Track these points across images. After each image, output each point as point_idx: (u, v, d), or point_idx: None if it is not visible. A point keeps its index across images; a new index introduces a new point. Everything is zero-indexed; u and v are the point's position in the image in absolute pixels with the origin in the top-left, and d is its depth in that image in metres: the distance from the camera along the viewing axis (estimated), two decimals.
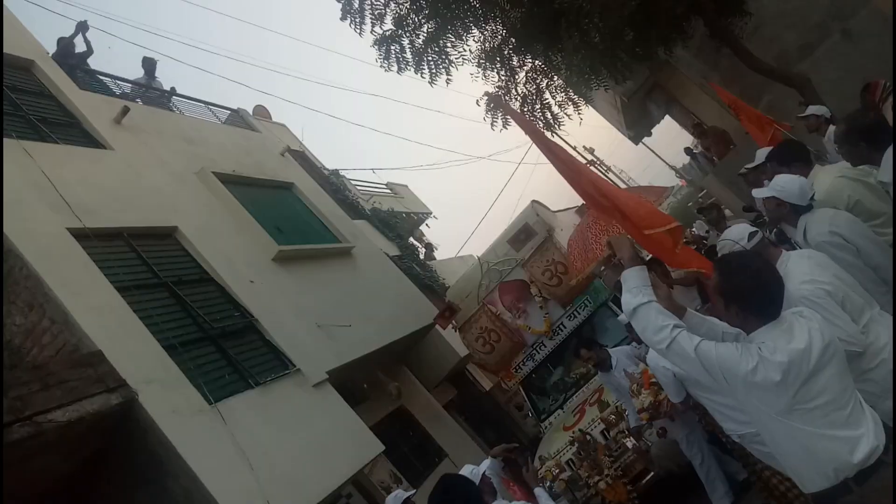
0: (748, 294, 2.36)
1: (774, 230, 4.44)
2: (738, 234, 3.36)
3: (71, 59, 8.51)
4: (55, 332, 4.84)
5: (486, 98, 6.05)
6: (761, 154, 5.34)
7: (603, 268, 7.02)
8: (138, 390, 4.71)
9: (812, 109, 6.37)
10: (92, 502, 4.96)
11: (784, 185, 3.46)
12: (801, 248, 3.32)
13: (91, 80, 8.75)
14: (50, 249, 5.26)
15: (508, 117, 8.78)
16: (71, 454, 4.60)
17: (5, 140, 5.93)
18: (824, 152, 5.54)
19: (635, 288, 2.57)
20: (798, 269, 2.89)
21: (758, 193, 3.70)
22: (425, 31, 8.21)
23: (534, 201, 8.85)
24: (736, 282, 2.39)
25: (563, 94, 9.17)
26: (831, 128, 5.61)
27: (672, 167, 35.10)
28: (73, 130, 7.28)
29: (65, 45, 8.49)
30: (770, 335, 2.31)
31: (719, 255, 3.30)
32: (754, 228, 3.37)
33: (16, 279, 4.96)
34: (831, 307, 2.68)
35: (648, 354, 4.36)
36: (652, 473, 5.55)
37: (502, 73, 8.76)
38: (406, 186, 19.53)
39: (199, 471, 4.65)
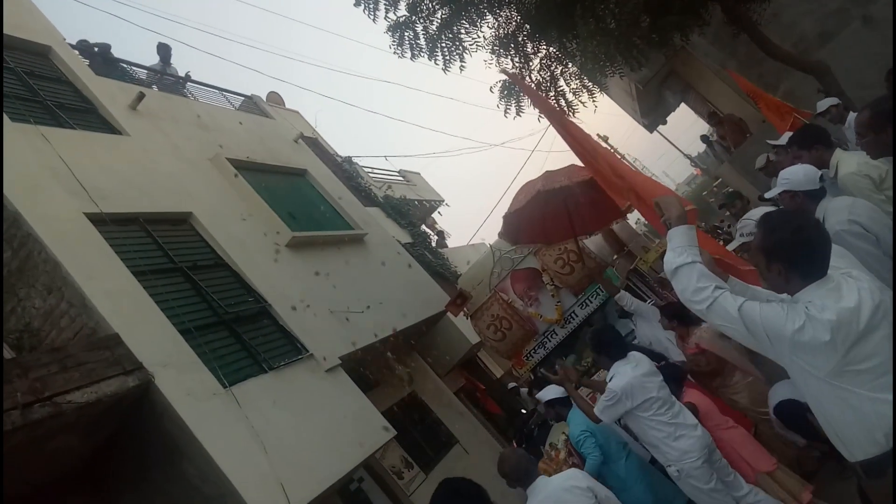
0: (791, 250, 2.24)
1: None
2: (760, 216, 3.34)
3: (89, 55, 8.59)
4: (73, 315, 4.92)
5: (502, 73, 6.04)
6: (785, 137, 5.30)
7: (616, 256, 7.00)
8: (154, 373, 4.78)
9: (825, 103, 6.29)
10: (109, 483, 5.06)
11: (789, 176, 3.48)
12: None
13: (107, 67, 8.79)
14: (68, 234, 5.32)
15: (522, 104, 8.75)
16: (89, 435, 4.69)
17: (24, 125, 6.00)
18: (845, 140, 5.48)
19: (679, 247, 2.46)
20: None
21: (770, 195, 3.71)
22: (439, 17, 8.18)
23: None
24: (778, 237, 2.28)
25: (577, 81, 9.12)
26: (851, 115, 5.53)
27: (687, 156, 34.78)
28: (89, 116, 7.34)
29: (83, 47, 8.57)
30: (817, 294, 2.20)
31: (738, 234, 3.29)
32: None
33: (35, 263, 5.04)
34: None
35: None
36: None
37: (516, 59, 8.72)
38: (419, 174, 19.52)
39: (214, 452, 4.72)
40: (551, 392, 5.50)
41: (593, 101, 9.23)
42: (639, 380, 4.19)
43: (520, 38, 8.55)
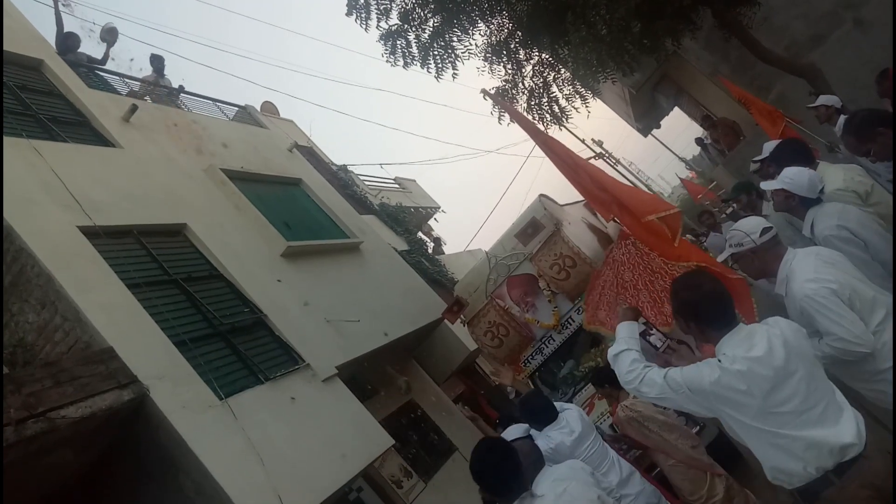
0: (694, 306, 2.56)
1: None
2: (751, 226, 3.21)
3: (72, 53, 8.50)
4: (67, 329, 4.90)
5: (482, 93, 6.05)
6: (768, 147, 5.30)
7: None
8: (149, 386, 4.76)
9: (822, 100, 6.31)
10: (104, 498, 5.02)
11: (793, 177, 3.42)
12: (800, 243, 3.28)
13: (99, 79, 8.79)
14: (61, 248, 5.30)
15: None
16: (83, 450, 4.66)
17: (16, 139, 5.98)
18: (837, 142, 5.49)
19: (621, 339, 2.90)
20: (803, 267, 2.83)
21: (767, 185, 3.66)
22: (431, 25, 8.22)
23: (541, 195, 8.81)
24: (682, 297, 2.61)
25: (570, 87, 9.16)
26: (842, 118, 5.55)
27: (682, 159, 34.92)
28: (82, 129, 7.33)
29: (65, 37, 8.47)
30: (729, 345, 2.45)
31: (728, 244, 3.25)
32: (769, 224, 3.22)
33: (28, 277, 5.02)
34: (836, 306, 2.62)
35: None
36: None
37: (509, 66, 8.76)
38: (414, 181, 19.51)
39: (210, 465, 4.70)
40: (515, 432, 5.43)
41: (586, 106, 9.27)
42: (564, 446, 4.26)
43: (512, 46, 8.58)
